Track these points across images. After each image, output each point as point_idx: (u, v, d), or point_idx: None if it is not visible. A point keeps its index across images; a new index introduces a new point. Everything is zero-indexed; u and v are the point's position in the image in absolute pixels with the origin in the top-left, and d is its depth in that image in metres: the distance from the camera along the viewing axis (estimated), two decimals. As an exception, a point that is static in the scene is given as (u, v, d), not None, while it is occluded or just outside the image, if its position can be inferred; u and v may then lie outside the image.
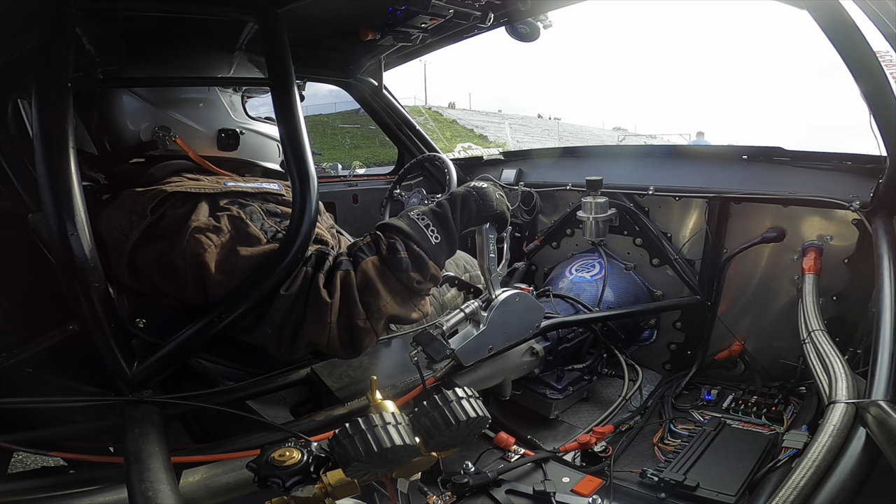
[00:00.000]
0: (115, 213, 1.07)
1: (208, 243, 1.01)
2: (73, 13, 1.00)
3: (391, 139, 2.34)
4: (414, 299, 1.13)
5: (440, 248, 1.13)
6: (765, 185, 1.59)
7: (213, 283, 1.02)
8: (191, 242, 1.00)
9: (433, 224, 1.13)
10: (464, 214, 1.18)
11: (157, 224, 1.04)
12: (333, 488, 0.73)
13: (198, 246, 1.00)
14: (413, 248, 1.09)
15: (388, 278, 1.08)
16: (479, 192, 1.20)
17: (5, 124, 1.08)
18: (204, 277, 1.01)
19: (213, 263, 1.00)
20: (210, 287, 1.02)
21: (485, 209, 1.19)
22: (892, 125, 1.16)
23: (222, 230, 1.03)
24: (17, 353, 1.07)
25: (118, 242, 1.04)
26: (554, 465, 1.29)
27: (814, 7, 1.09)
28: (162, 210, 1.04)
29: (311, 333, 1.05)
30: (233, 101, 1.28)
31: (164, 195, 1.05)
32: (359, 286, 1.06)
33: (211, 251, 1.01)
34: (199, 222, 1.03)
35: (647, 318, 1.87)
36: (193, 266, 1.00)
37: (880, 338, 0.94)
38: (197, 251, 1.00)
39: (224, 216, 1.05)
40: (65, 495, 0.88)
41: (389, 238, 1.10)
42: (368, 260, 1.07)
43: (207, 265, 1.00)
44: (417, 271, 1.09)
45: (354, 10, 1.51)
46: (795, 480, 0.75)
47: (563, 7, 1.59)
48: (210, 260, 1.00)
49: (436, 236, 1.12)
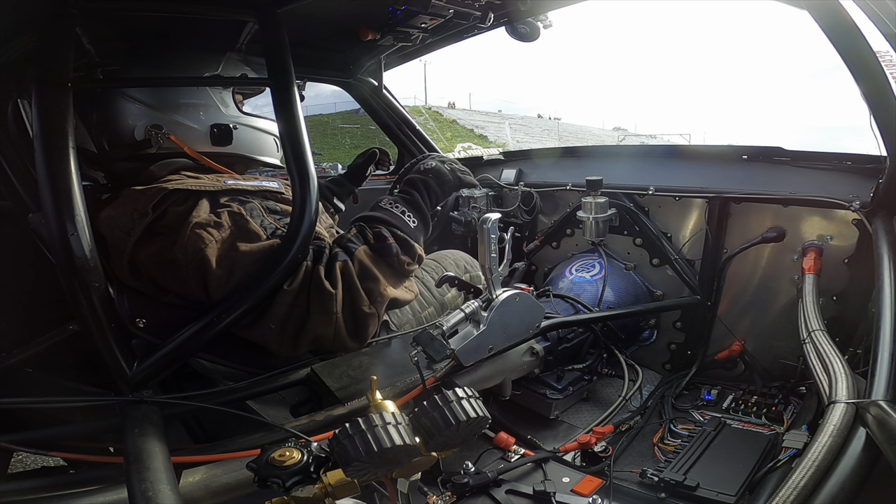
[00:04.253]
0: (116, 211, 1.07)
1: (209, 238, 1.03)
2: (73, 13, 1.00)
3: (391, 139, 2.34)
4: (404, 281, 1.22)
5: (419, 230, 1.24)
6: (765, 185, 1.59)
7: (213, 278, 1.03)
8: (192, 237, 1.02)
9: (407, 209, 1.23)
10: (431, 196, 1.30)
11: (159, 221, 1.05)
12: (333, 488, 0.73)
13: (199, 241, 1.01)
14: (398, 233, 1.17)
15: (380, 263, 1.14)
16: (433, 172, 1.33)
17: (5, 124, 1.08)
18: (205, 272, 1.02)
19: (213, 258, 1.02)
20: (211, 282, 1.03)
21: (444, 185, 1.33)
22: (892, 125, 1.16)
23: (223, 226, 1.05)
24: (17, 353, 1.06)
25: (120, 240, 1.04)
26: (554, 465, 1.29)
27: (814, 7, 1.09)
28: (163, 207, 1.05)
29: (316, 326, 1.07)
30: (223, 98, 1.29)
31: (166, 192, 1.06)
32: (358, 274, 1.10)
33: (212, 246, 1.02)
34: (200, 218, 1.04)
35: (647, 318, 1.86)
36: (195, 261, 1.02)
37: (880, 338, 0.94)
38: (198, 246, 1.01)
39: (224, 212, 1.07)
40: (65, 495, 0.87)
41: (373, 227, 1.17)
42: (360, 248, 1.13)
43: (208, 260, 1.01)
44: (406, 254, 1.17)
45: (354, 10, 1.51)
46: (795, 480, 0.75)
47: (563, 7, 1.58)
48: (211, 255, 1.02)
49: (413, 220, 1.22)
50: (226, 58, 1.33)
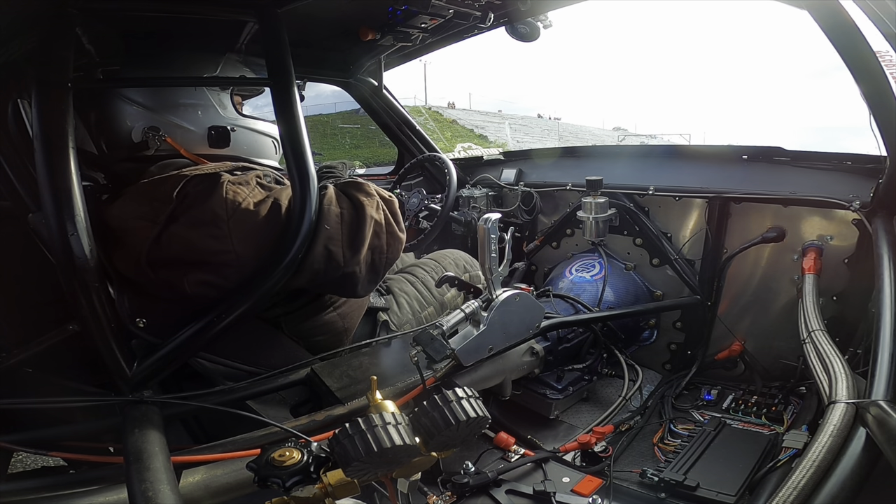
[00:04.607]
0: (130, 205, 1.09)
1: (244, 192, 1.08)
2: (73, 13, 1.00)
3: (391, 139, 2.34)
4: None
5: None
6: (765, 185, 1.59)
7: (257, 228, 1.06)
8: (229, 192, 1.06)
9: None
10: None
11: (183, 203, 1.06)
12: (333, 488, 0.73)
13: (237, 196, 1.06)
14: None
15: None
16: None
17: (5, 124, 1.08)
18: (247, 221, 1.06)
19: (252, 203, 1.07)
20: (255, 233, 1.07)
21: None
22: (892, 125, 1.16)
23: (250, 184, 1.11)
24: (17, 353, 1.06)
25: (142, 230, 1.05)
26: (554, 465, 1.29)
27: (814, 7, 1.09)
28: (186, 190, 1.07)
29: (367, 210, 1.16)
30: (221, 100, 1.29)
31: (187, 179, 1.07)
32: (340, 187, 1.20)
33: (248, 198, 1.07)
34: (230, 179, 1.09)
35: (647, 318, 1.86)
36: (235, 213, 1.05)
37: (880, 338, 0.94)
38: (237, 200, 1.05)
39: (248, 175, 1.13)
40: (65, 495, 0.87)
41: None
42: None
43: (250, 206, 1.06)
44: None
45: (354, 10, 1.51)
46: (795, 480, 0.75)
47: (563, 7, 1.59)
48: (251, 201, 1.07)
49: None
50: (225, 58, 1.33)
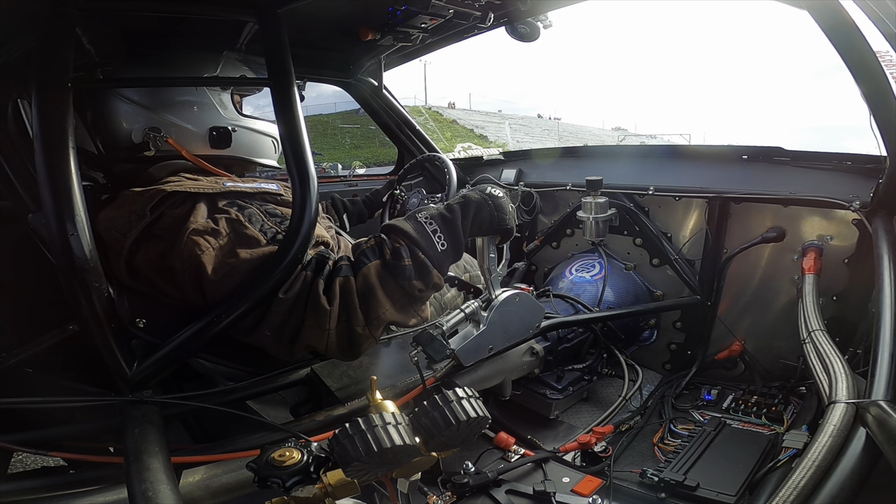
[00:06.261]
0: (113, 213, 1.07)
1: (206, 245, 1.01)
2: (73, 13, 1.00)
3: (391, 139, 2.34)
4: (414, 305, 1.11)
5: (445, 256, 1.09)
6: (765, 185, 1.59)
7: (210, 285, 1.02)
8: (189, 244, 1.00)
9: (441, 230, 1.09)
10: (475, 223, 1.13)
11: (156, 224, 1.04)
12: (333, 488, 0.73)
13: (195, 248, 1.00)
14: (418, 255, 1.05)
15: (389, 284, 1.05)
16: (496, 202, 1.15)
17: (5, 124, 1.08)
18: (201, 279, 1.01)
19: (210, 266, 1.00)
20: (207, 289, 1.02)
21: (498, 222, 1.15)
22: (892, 125, 1.16)
23: (220, 233, 1.03)
24: (17, 353, 1.07)
25: (117, 242, 1.04)
26: (554, 465, 1.29)
27: (814, 7, 1.09)
28: (161, 210, 1.04)
29: (309, 338, 1.05)
30: (222, 100, 1.28)
31: (164, 195, 1.05)
32: (359, 292, 1.04)
33: (208, 253, 1.01)
34: (198, 224, 1.03)
35: (647, 318, 1.87)
36: (191, 268, 1.01)
37: (880, 338, 0.94)
38: (195, 253, 1.00)
39: (222, 219, 1.05)
40: (65, 495, 0.88)
41: (395, 242, 1.07)
42: (371, 265, 1.05)
43: (204, 267, 1.00)
44: (420, 279, 1.06)
45: (354, 10, 1.51)
46: (795, 480, 0.75)
47: (563, 7, 1.59)
48: (207, 262, 1.00)
49: (442, 243, 1.08)
50: (224, 58, 1.33)
